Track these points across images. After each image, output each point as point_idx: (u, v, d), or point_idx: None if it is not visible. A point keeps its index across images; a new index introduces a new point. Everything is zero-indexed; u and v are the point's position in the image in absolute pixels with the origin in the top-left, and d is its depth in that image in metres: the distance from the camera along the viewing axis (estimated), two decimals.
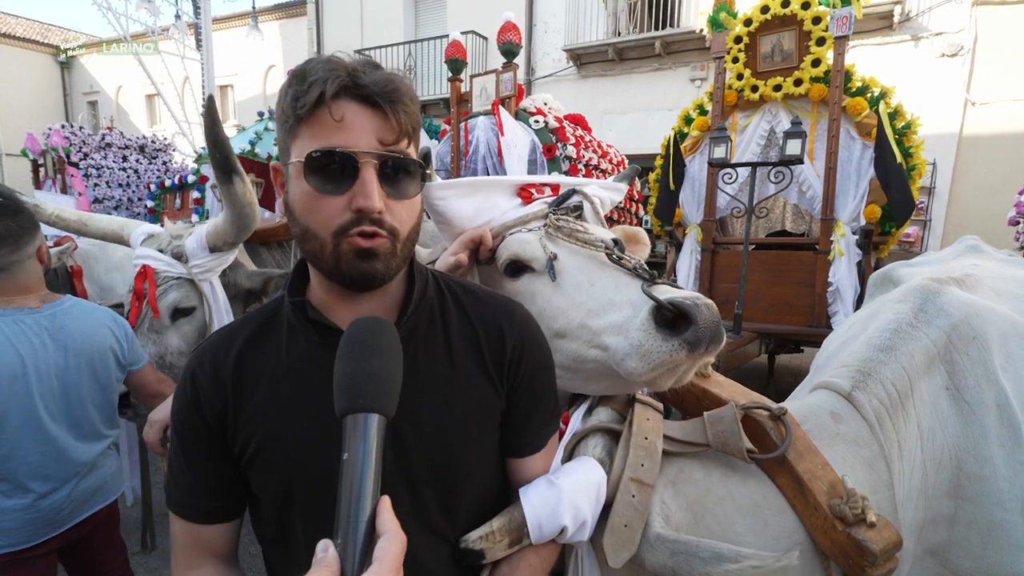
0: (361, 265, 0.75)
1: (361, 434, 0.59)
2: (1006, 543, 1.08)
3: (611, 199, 1.47)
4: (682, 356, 0.85)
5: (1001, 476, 1.09)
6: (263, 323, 0.87)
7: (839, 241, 4.07)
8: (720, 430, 0.98)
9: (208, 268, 2.05)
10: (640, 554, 0.88)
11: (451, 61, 5.28)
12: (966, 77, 8.05)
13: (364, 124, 0.73)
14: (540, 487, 0.88)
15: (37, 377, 1.52)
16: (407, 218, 0.79)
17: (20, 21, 19.28)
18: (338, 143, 0.72)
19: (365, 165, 0.72)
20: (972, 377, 1.16)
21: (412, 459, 0.80)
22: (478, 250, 1.22)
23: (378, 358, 0.64)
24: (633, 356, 0.88)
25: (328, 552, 0.53)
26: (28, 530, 1.53)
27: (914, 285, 1.34)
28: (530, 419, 0.91)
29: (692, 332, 0.83)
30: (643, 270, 0.98)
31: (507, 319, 0.89)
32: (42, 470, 1.54)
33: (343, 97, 0.72)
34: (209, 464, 0.83)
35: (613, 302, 0.97)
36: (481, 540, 0.83)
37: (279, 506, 0.80)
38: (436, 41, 11.73)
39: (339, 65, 0.72)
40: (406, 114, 0.74)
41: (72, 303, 1.67)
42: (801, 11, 4.03)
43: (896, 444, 1.09)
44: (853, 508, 0.90)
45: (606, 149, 5.90)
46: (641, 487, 0.91)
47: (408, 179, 0.77)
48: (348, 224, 0.73)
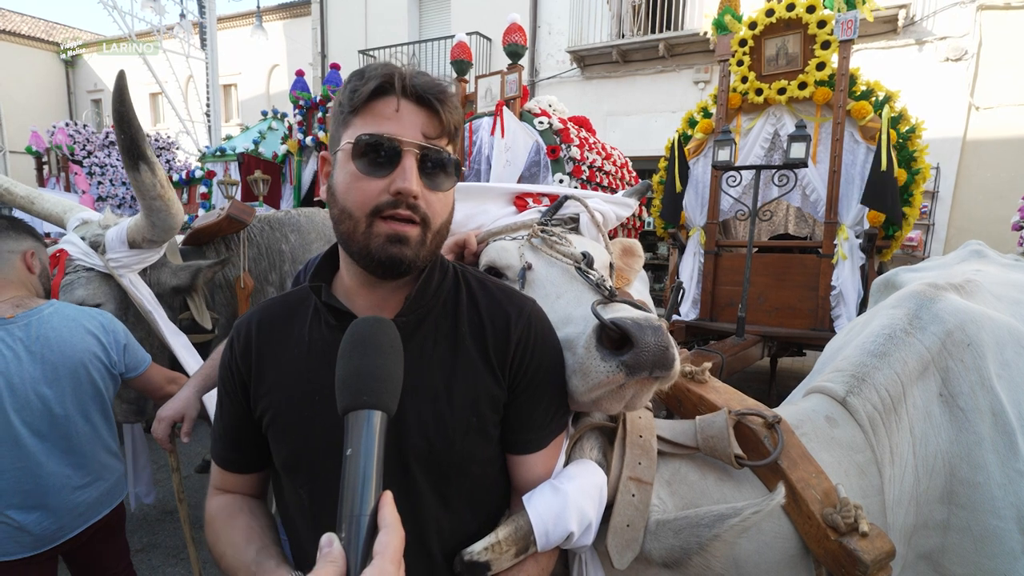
0: (391, 249, 0.79)
1: (363, 431, 0.60)
2: (1000, 551, 1.08)
3: (617, 214, 1.46)
4: (620, 378, 0.82)
5: (995, 483, 1.09)
6: (298, 301, 0.93)
7: (842, 245, 4.07)
8: (710, 435, 0.98)
9: (125, 264, 1.95)
10: (645, 547, 0.88)
11: (457, 62, 5.28)
12: (970, 81, 8.03)
13: (412, 118, 0.79)
14: (545, 493, 0.86)
15: (11, 393, 1.44)
16: (440, 210, 0.84)
17: (25, 19, 19.37)
18: (387, 131, 0.78)
19: (407, 153, 0.78)
20: (966, 384, 1.15)
21: (413, 448, 0.81)
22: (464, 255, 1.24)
23: (379, 356, 0.66)
24: (577, 373, 0.88)
25: (333, 547, 0.54)
26: (18, 543, 1.48)
27: (910, 291, 1.34)
28: (531, 416, 0.91)
29: (631, 355, 0.80)
30: (603, 286, 0.96)
31: (516, 314, 0.91)
32: (20, 486, 1.46)
33: (397, 92, 0.78)
34: (234, 422, 0.92)
35: (571, 317, 0.96)
36: (487, 551, 0.80)
37: (288, 476, 0.87)
38: (440, 42, 11.74)
39: (396, 66, 0.80)
40: (450, 115, 0.81)
41: (52, 310, 1.56)
42: (806, 15, 4.03)
43: (888, 449, 1.10)
44: (846, 518, 0.90)
45: (610, 151, 5.90)
46: (640, 485, 0.91)
47: (444, 174, 0.83)
48: (384, 205, 0.78)
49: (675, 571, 0.89)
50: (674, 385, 1.18)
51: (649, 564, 0.90)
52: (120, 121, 1.59)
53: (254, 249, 2.58)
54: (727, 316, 4.56)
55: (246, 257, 2.51)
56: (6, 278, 1.55)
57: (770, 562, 0.96)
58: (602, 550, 0.90)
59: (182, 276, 2.11)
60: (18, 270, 1.58)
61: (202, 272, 2.12)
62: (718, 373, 3.19)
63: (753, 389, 5.26)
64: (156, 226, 1.88)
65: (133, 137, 1.65)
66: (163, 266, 2.11)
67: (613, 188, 5.63)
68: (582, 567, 0.94)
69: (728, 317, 4.53)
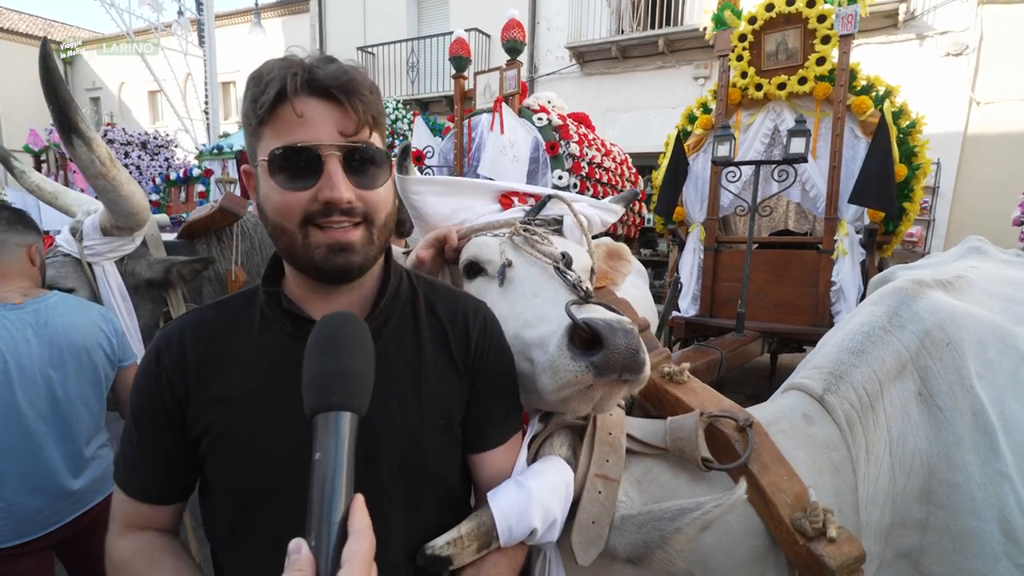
0: (336, 259, 0.76)
1: (333, 433, 0.58)
2: (980, 551, 1.08)
3: (602, 219, 1.45)
4: (588, 379, 0.82)
5: (975, 484, 1.08)
6: (237, 310, 0.86)
7: (843, 240, 4.05)
8: (679, 436, 0.98)
9: (98, 252, 1.93)
10: (610, 543, 0.89)
11: (455, 59, 5.27)
12: (971, 76, 7.99)
13: (324, 117, 0.73)
14: (509, 489, 0.86)
15: (19, 373, 1.49)
16: (381, 205, 0.79)
17: (23, 17, 19.35)
18: (300, 138, 0.72)
19: (329, 158, 0.73)
20: (945, 383, 1.14)
21: (383, 452, 0.80)
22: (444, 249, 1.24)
23: (349, 355, 0.63)
24: (547, 372, 0.87)
25: (302, 553, 0.53)
26: (12, 527, 1.50)
27: (892, 287, 1.33)
28: (492, 412, 0.91)
29: (601, 356, 0.80)
30: (580, 287, 0.96)
31: (472, 313, 0.92)
32: (19, 467, 1.50)
33: (301, 93, 0.72)
34: (161, 447, 0.81)
35: (546, 316, 0.96)
36: (448, 546, 0.81)
37: (237, 499, 0.79)
38: (439, 38, 11.70)
39: (293, 62, 0.73)
40: (364, 104, 0.74)
41: (58, 299, 1.64)
42: (806, 9, 4.00)
43: (864, 447, 1.09)
44: (814, 522, 0.89)
45: (609, 147, 5.89)
46: (607, 483, 0.91)
47: (376, 168, 0.78)
48: (316, 213, 0.74)
49: (639, 567, 0.89)
50: (653, 385, 1.18)
51: (613, 560, 0.90)
52: (47, 90, 1.51)
53: (247, 243, 2.55)
54: (727, 312, 4.55)
55: (239, 251, 2.48)
56: (14, 269, 1.62)
57: (737, 559, 0.97)
58: (567, 546, 0.91)
59: (156, 270, 2.07)
60: (23, 262, 1.64)
61: (175, 268, 2.07)
62: (718, 369, 3.19)
63: (753, 385, 5.25)
64: (112, 210, 1.83)
65: (62, 109, 1.56)
66: (141, 258, 2.09)
67: (612, 184, 5.62)
68: (545, 564, 0.94)
69: (728, 313, 4.52)
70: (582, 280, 0.99)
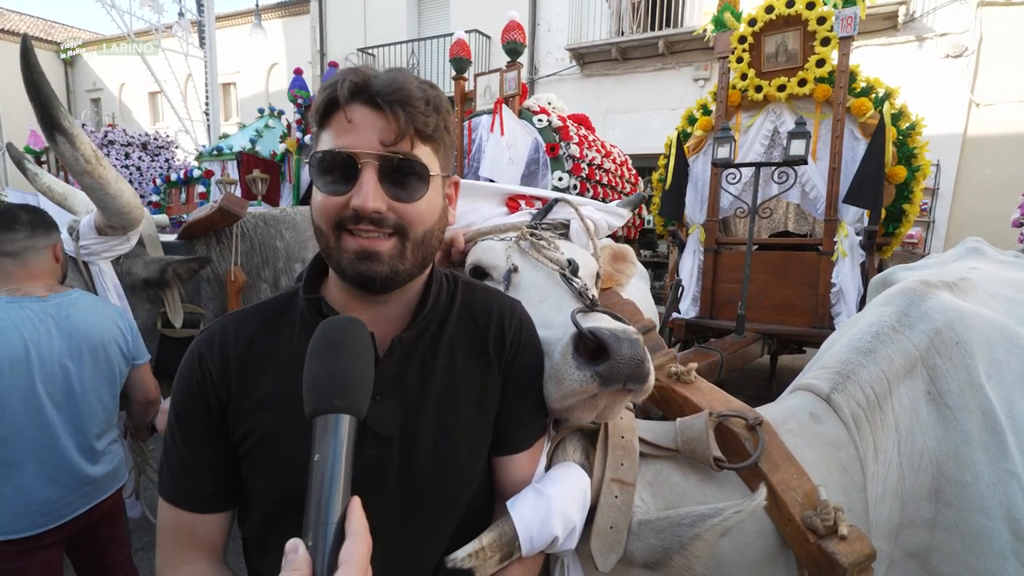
0: (360, 266, 0.75)
1: (332, 435, 0.59)
2: (989, 550, 1.07)
3: (609, 223, 1.45)
4: (593, 388, 0.82)
5: (984, 483, 1.08)
6: (276, 314, 0.87)
7: (842, 242, 4.05)
8: (689, 437, 0.98)
9: (94, 251, 1.94)
10: (627, 549, 0.88)
11: (455, 60, 5.27)
12: (970, 78, 8.02)
13: (369, 124, 0.73)
14: (529, 498, 0.85)
15: (40, 362, 1.53)
16: (418, 220, 0.78)
17: (24, 18, 19.36)
18: (343, 144, 0.73)
19: (365, 166, 0.73)
20: (955, 383, 1.15)
21: (418, 461, 0.80)
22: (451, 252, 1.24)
23: (348, 358, 0.63)
24: (552, 379, 0.88)
25: (299, 553, 0.53)
26: (27, 518, 1.53)
27: (900, 288, 1.33)
28: (520, 414, 0.91)
29: (606, 366, 0.80)
30: (586, 295, 0.96)
31: (509, 313, 0.92)
32: (37, 455, 1.54)
33: (354, 101, 0.73)
34: (207, 449, 0.81)
35: (551, 322, 0.96)
36: (471, 558, 0.80)
37: (272, 504, 0.79)
38: (439, 40, 11.72)
39: (356, 71, 0.74)
40: (409, 115, 0.73)
41: (79, 295, 1.69)
42: (806, 11, 4.01)
43: (872, 445, 1.10)
44: (825, 521, 0.89)
45: (609, 149, 5.89)
46: (623, 487, 0.91)
47: (416, 181, 0.76)
48: (348, 219, 0.75)
49: (656, 572, 0.89)
50: (661, 386, 1.18)
51: (631, 565, 0.90)
52: (29, 87, 1.50)
53: (247, 244, 2.53)
54: (727, 314, 4.55)
55: (238, 251, 2.47)
56: (43, 269, 1.66)
57: (750, 560, 0.97)
58: (585, 553, 0.90)
59: (152, 269, 2.07)
60: (49, 261, 1.69)
61: (171, 267, 2.07)
62: (718, 371, 3.18)
63: (753, 387, 5.25)
64: (102, 209, 1.84)
65: (44, 105, 1.54)
66: (137, 257, 2.09)
67: (613, 186, 5.62)
68: (564, 571, 0.93)
69: (728, 315, 4.52)
70: (588, 288, 0.99)
